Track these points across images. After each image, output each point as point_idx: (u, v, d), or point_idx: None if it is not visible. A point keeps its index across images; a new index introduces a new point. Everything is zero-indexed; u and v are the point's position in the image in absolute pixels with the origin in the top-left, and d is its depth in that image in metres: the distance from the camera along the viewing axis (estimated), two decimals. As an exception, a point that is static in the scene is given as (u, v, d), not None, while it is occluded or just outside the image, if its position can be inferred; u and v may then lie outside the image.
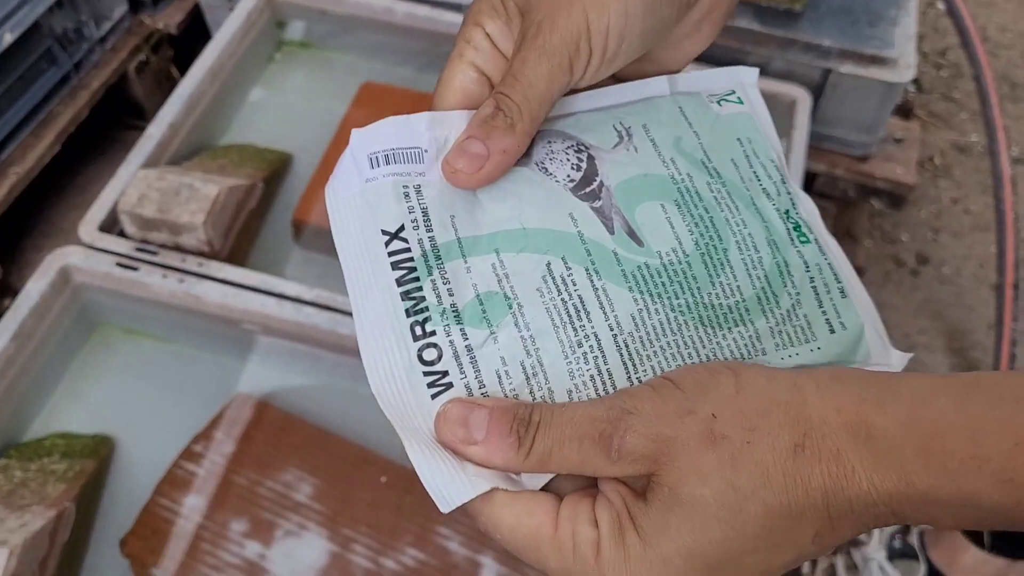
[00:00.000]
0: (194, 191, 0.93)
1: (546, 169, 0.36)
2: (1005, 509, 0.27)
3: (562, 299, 0.34)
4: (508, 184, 0.36)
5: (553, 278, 0.34)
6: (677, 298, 0.35)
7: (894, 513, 0.28)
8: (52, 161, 1.22)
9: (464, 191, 0.35)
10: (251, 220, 1.02)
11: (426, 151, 0.36)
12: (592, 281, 0.34)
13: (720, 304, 0.35)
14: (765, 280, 0.36)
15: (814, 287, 0.37)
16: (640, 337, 0.34)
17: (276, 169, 1.09)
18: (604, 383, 0.33)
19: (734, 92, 0.41)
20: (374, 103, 1.15)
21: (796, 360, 0.36)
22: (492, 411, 0.31)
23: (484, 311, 0.33)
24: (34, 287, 0.90)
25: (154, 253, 0.93)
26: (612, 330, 0.33)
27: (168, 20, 1.36)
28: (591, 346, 0.33)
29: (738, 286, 0.36)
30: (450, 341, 0.33)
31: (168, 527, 0.83)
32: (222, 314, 0.91)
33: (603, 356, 0.33)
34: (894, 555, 0.99)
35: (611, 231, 0.35)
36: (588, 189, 0.36)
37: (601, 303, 0.34)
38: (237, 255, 1.00)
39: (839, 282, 0.37)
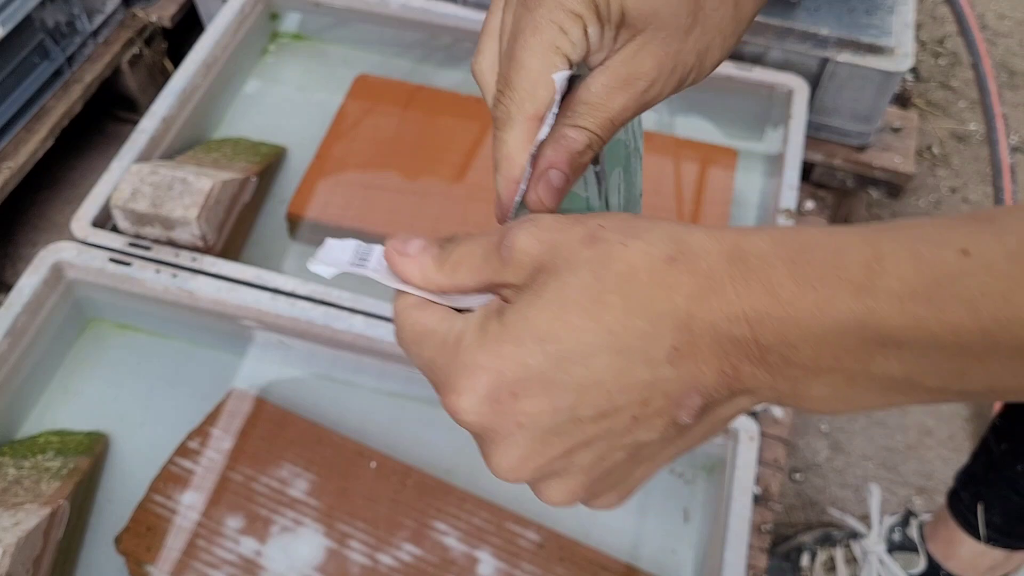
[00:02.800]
0: (187, 185, 0.92)
1: None
2: (857, 320, 0.27)
3: None
4: None
5: None
6: None
7: (756, 341, 0.28)
8: (45, 155, 1.22)
9: None
10: (245, 214, 1.02)
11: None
12: None
13: None
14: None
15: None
16: None
17: (270, 162, 1.08)
18: None
19: None
20: (368, 95, 1.15)
21: None
22: (428, 238, 0.34)
23: None
24: (27, 283, 0.89)
25: (147, 248, 0.93)
26: None
27: (161, 13, 1.35)
28: None
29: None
30: None
31: (163, 524, 0.83)
32: (216, 309, 0.91)
33: None
34: (893, 548, 0.99)
35: (600, 196, 0.39)
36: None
37: None
38: (231, 249, 0.99)
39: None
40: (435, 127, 1.11)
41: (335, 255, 0.35)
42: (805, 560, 1.03)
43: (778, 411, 0.95)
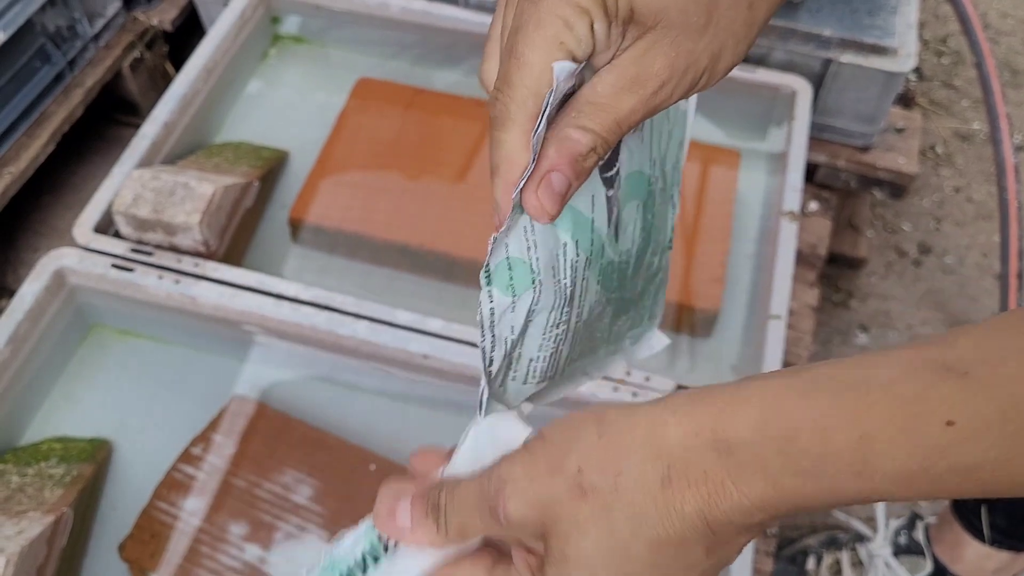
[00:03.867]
0: (189, 191, 0.92)
1: None
2: (865, 497, 0.29)
3: (564, 284, 0.35)
4: None
5: (565, 259, 0.35)
6: (614, 292, 0.38)
7: (772, 516, 0.30)
8: (46, 160, 1.22)
9: None
10: (247, 219, 1.02)
11: None
12: (584, 270, 0.36)
13: (629, 292, 0.39)
14: (648, 280, 0.41)
15: (657, 285, 0.43)
16: (588, 322, 0.37)
17: (272, 167, 1.08)
18: (556, 362, 0.37)
19: None
20: (370, 98, 1.14)
21: (623, 327, 0.42)
22: (413, 499, 0.34)
23: (511, 278, 0.34)
24: (29, 290, 0.89)
25: (149, 254, 0.92)
26: (578, 319, 0.36)
27: (162, 16, 1.35)
28: (563, 330, 0.36)
29: (640, 283, 0.41)
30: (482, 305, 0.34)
31: (167, 531, 0.82)
32: (219, 315, 0.91)
33: (565, 339, 0.36)
34: (899, 551, 0.99)
35: (609, 223, 0.36)
36: (609, 174, 0.36)
37: (581, 293, 0.36)
38: (233, 255, 0.99)
39: (665, 280, 0.44)
40: (437, 130, 1.11)
41: None
42: (811, 564, 1.03)
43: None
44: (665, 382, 0.87)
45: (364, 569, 0.36)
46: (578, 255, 0.35)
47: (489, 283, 0.33)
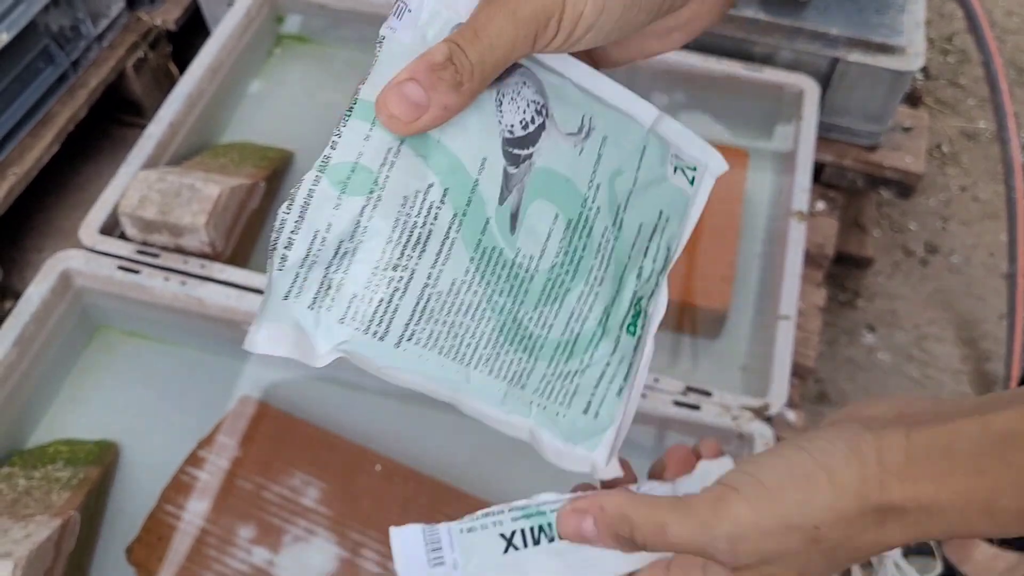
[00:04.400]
0: (195, 192, 0.92)
1: (500, 103, 0.34)
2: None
3: (415, 222, 0.33)
4: None
5: (424, 199, 0.33)
6: (499, 296, 0.35)
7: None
8: (50, 160, 1.21)
9: None
10: (253, 220, 1.01)
11: None
12: (450, 228, 0.33)
13: (525, 327, 0.35)
14: (573, 339, 0.37)
15: (603, 372, 0.38)
16: (444, 302, 0.33)
17: (277, 168, 1.08)
18: (386, 314, 0.33)
19: (696, 169, 0.40)
20: (376, 98, 1.14)
21: (535, 413, 0.37)
22: (600, 524, 0.35)
23: (349, 178, 0.32)
24: (35, 292, 0.89)
25: (156, 256, 0.92)
26: (427, 280, 0.33)
27: (166, 16, 1.34)
28: (400, 277, 0.33)
29: (551, 325, 0.36)
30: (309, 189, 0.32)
31: (175, 534, 0.82)
32: (225, 316, 0.90)
33: (402, 292, 0.33)
34: (909, 551, 0.99)
35: (501, 201, 0.34)
36: (516, 151, 0.35)
37: (439, 250, 0.33)
38: (240, 256, 0.99)
39: (624, 381, 0.39)
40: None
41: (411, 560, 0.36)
42: None
43: (791, 415, 0.95)
44: (674, 383, 0.86)
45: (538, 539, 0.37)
46: (443, 203, 0.33)
47: (322, 171, 0.32)
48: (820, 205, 1.21)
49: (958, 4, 1.29)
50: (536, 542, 0.36)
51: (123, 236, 0.94)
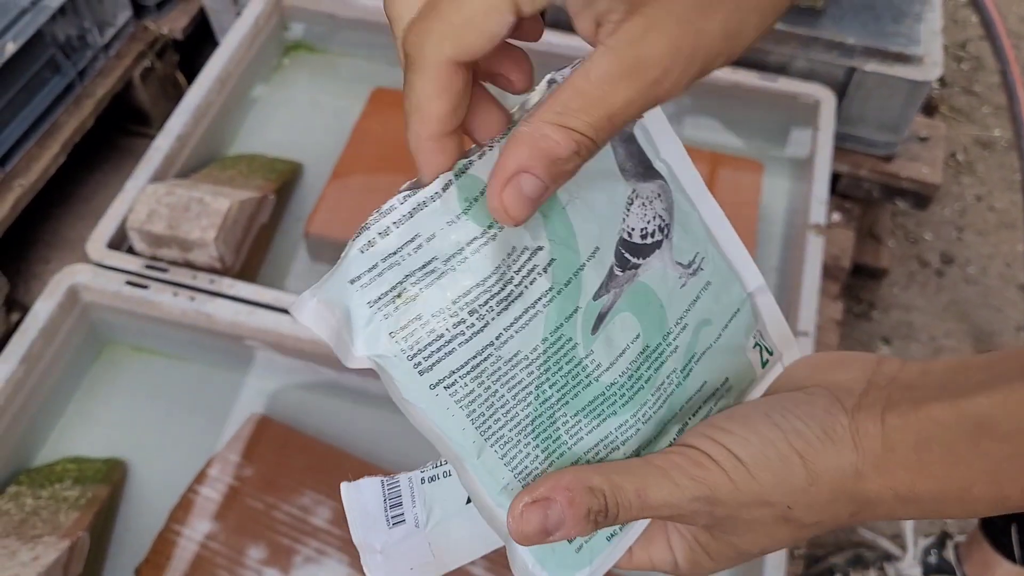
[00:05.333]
0: (204, 206, 0.90)
1: (631, 203, 0.32)
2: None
3: (511, 277, 0.30)
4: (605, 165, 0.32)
5: (530, 259, 0.30)
6: (550, 388, 0.32)
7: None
8: (57, 170, 1.20)
9: None
10: (262, 234, 1.00)
11: None
12: (540, 299, 0.31)
13: (557, 430, 0.33)
14: (595, 462, 0.34)
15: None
16: (498, 368, 0.31)
17: (287, 179, 1.06)
18: (439, 351, 0.30)
19: (772, 354, 0.38)
20: (386, 108, 1.13)
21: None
22: (567, 505, 0.31)
23: (476, 199, 0.29)
24: (42, 307, 0.88)
25: (164, 271, 0.91)
26: (494, 339, 0.30)
27: (173, 25, 1.33)
28: (472, 324, 0.30)
29: (581, 439, 0.33)
30: None
31: (184, 555, 0.81)
32: (234, 332, 0.89)
33: (465, 340, 0.30)
34: (929, 570, 0.97)
35: (595, 297, 0.32)
36: (628, 256, 0.33)
37: (520, 316, 0.30)
38: (249, 270, 0.97)
39: (620, 529, 0.35)
40: (454, 141, 1.09)
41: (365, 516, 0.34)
42: None
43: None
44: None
45: None
46: (545, 271, 0.30)
47: (457, 177, 0.29)
48: (836, 216, 1.19)
49: (974, 11, 1.27)
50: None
51: (131, 251, 0.93)
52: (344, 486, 0.33)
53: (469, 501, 0.33)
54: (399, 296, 0.29)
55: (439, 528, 0.34)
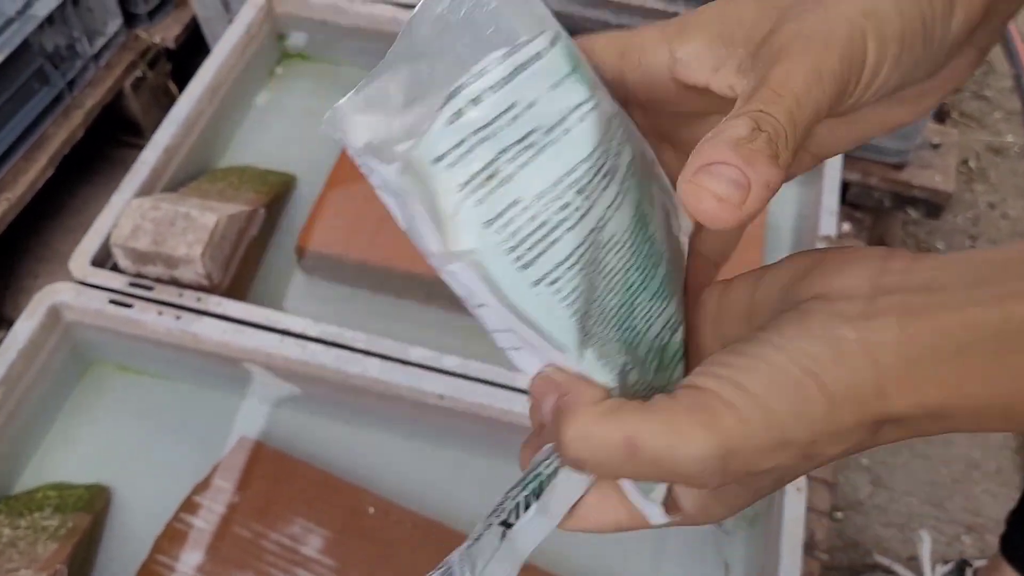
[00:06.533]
0: (191, 221, 0.87)
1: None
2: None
3: (609, 148, 0.27)
4: None
5: (619, 127, 0.27)
6: (635, 272, 0.28)
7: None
8: (46, 182, 1.17)
9: None
10: (252, 248, 0.97)
11: None
12: (628, 171, 0.27)
13: (634, 318, 0.29)
14: (662, 346, 0.31)
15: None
16: (596, 256, 0.27)
17: (279, 192, 1.03)
18: (543, 242, 0.26)
19: None
20: (381, 119, 1.09)
21: None
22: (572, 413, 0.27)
23: (580, 61, 0.26)
24: (22, 327, 0.84)
25: (149, 288, 0.87)
26: (597, 223, 0.27)
27: (165, 34, 1.30)
28: (578, 207, 0.26)
29: (652, 323, 0.30)
30: None
31: (168, 586, 0.77)
32: (222, 352, 0.86)
33: (571, 226, 0.26)
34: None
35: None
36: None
37: (619, 192, 0.27)
38: (238, 287, 0.94)
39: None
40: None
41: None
42: None
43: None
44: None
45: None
46: (626, 141, 0.27)
47: (559, 39, 0.26)
48: (846, 226, 1.16)
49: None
50: (527, 508, 0.29)
51: (116, 267, 0.90)
52: None
53: (503, 536, 0.29)
54: (492, 177, 0.25)
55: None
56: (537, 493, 0.29)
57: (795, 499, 0.77)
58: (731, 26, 0.28)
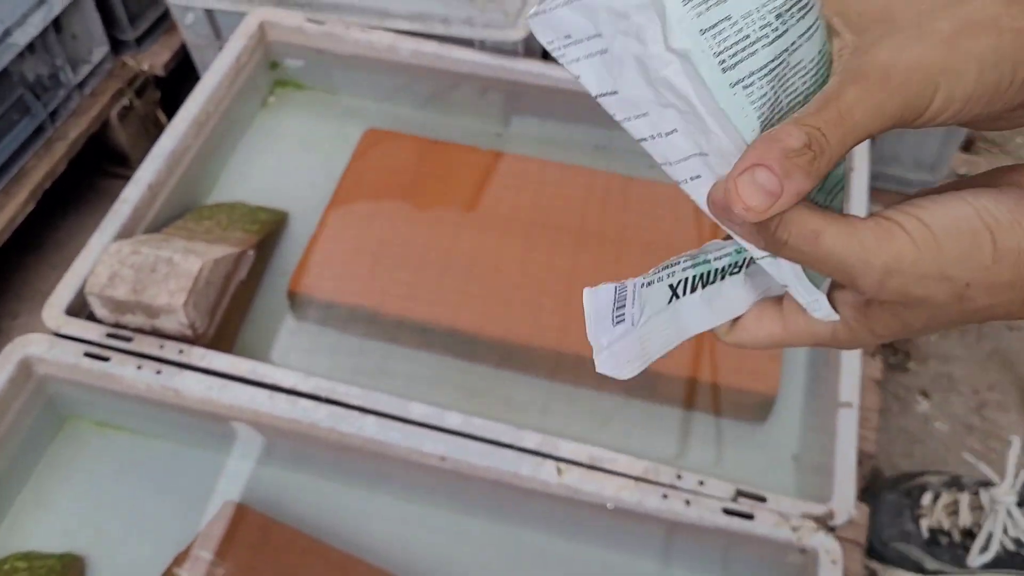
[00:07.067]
0: (173, 267, 0.81)
1: None
2: None
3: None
4: None
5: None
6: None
7: None
8: (28, 216, 1.11)
9: None
10: (240, 293, 0.90)
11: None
12: (821, 8, 0.33)
13: None
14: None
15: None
16: (784, 75, 0.32)
17: (270, 231, 0.97)
18: (744, 51, 0.31)
19: None
20: (378, 151, 1.03)
21: None
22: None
23: None
24: (-10, 383, 0.78)
25: (128, 340, 0.81)
26: (790, 45, 0.31)
27: (154, 60, 1.25)
28: (776, 28, 0.31)
29: None
30: None
31: (144, 671, 0.71)
32: (206, 409, 0.79)
33: (768, 42, 0.31)
34: None
35: None
36: None
37: (812, 24, 0.32)
38: (225, 335, 0.88)
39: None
40: (453, 187, 1.00)
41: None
42: (927, 499, 0.95)
43: (852, 510, 0.83)
44: (723, 487, 0.75)
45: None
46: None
47: None
48: (870, 263, 1.09)
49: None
50: (693, 290, 0.36)
51: (92, 316, 0.84)
52: (586, 291, 0.34)
53: (671, 301, 0.36)
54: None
55: (647, 325, 0.36)
56: (704, 281, 0.35)
57: (830, 572, 0.71)
58: None
